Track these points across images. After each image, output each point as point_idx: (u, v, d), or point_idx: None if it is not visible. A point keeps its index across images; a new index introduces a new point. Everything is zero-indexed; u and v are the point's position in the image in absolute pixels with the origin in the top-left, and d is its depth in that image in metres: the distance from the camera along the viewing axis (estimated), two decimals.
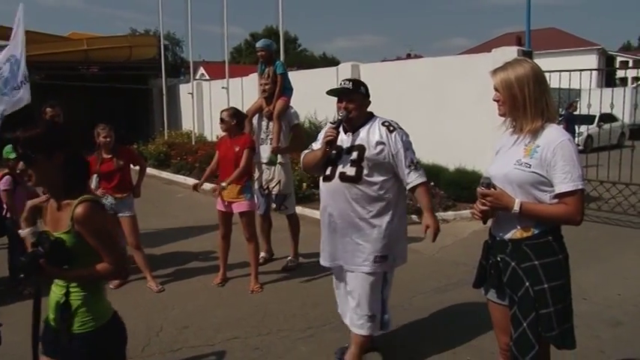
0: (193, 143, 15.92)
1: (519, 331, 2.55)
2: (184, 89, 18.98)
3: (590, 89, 9.88)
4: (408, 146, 3.65)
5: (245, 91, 15.84)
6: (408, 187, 3.67)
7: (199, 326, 4.76)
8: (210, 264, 6.43)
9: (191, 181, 13.02)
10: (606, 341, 4.33)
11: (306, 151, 3.91)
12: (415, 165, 3.64)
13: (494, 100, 2.68)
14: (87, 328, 2.35)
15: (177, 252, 7.12)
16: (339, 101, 3.70)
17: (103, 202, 5.51)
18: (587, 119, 15.24)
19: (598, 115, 16.15)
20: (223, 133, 5.85)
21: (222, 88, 14.88)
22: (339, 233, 3.72)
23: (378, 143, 3.58)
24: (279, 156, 6.10)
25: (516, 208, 2.50)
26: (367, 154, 3.57)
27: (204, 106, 18.24)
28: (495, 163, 2.72)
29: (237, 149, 5.55)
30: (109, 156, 5.64)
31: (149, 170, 8.88)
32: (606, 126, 15.46)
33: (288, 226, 6.44)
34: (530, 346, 2.53)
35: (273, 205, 6.39)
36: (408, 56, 53.61)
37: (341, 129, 3.67)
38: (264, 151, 6.15)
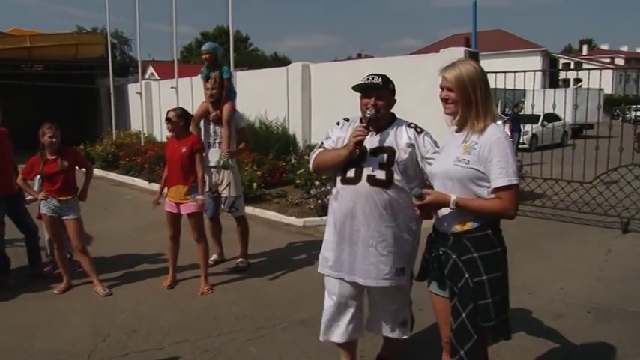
0: (142, 144, 15.65)
1: (458, 322, 2.63)
2: (133, 89, 18.62)
3: (534, 90, 10.16)
4: (437, 149, 3.31)
5: (195, 91, 15.61)
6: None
7: (148, 330, 4.68)
8: (160, 266, 6.32)
9: (140, 182, 12.93)
10: (549, 333, 4.46)
11: (318, 150, 3.53)
12: None
13: (443, 99, 2.73)
14: None
15: (125, 254, 6.97)
16: (365, 97, 3.37)
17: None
18: (532, 119, 15.73)
19: (542, 114, 16.68)
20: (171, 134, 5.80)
21: (172, 87, 14.68)
22: (362, 244, 3.34)
23: (409, 145, 3.31)
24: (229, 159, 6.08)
25: (452, 205, 2.59)
26: (397, 157, 3.27)
27: (154, 106, 17.92)
28: (438, 160, 2.83)
29: (183, 150, 5.49)
30: (54, 157, 5.46)
31: (97, 172, 8.68)
32: (550, 125, 15.97)
33: (237, 228, 6.41)
34: (468, 336, 2.60)
35: (222, 207, 6.36)
36: (359, 56, 54.02)
37: None
38: (213, 155, 6.11)
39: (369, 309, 3.67)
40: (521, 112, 14.46)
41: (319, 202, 8.65)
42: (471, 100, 2.64)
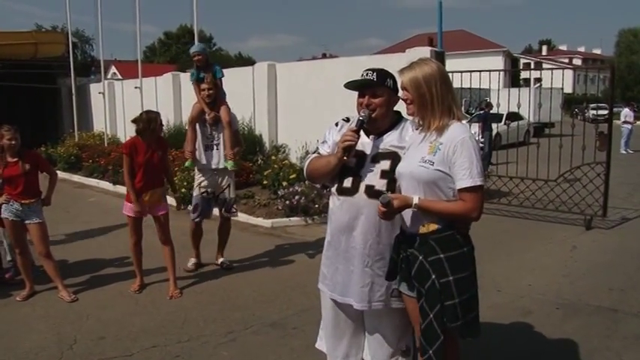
0: (106, 145, 15.38)
1: (426, 322, 2.62)
2: (95, 89, 18.27)
3: (499, 89, 10.30)
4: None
5: (159, 91, 15.48)
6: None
7: (116, 336, 4.57)
8: (126, 270, 6.19)
9: (104, 184, 12.69)
10: (518, 330, 4.53)
11: (312, 156, 3.17)
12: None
13: (402, 100, 2.73)
14: None
15: (90, 259, 6.80)
16: (360, 96, 2.99)
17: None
18: (496, 118, 15.97)
19: (505, 113, 16.97)
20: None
21: (135, 87, 14.42)
22: (358, 262, 2.97)
23: None
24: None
25: (414, 208, 2.58)
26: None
27: (117, 106, 17.62)
28: (403, 160, 2.78)
29: (160, 153, 5.49)
30: (14, 159, 5.29)
31: (59, 174, 8.43)
32: (513, 124, 16.23)
33: (222, 229, 6.44)
34: (436, 337, 2.60)
35: (218, 209, 6.34)
36: (324, 56, 54.13)
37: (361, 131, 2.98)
38: (213, 158, 6.11)
39: (367, 335, 3.23)
40: (491, 112, 14.67)
41: (287, 202, 8.61)
42: (426, 100, 2.61)
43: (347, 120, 3.12)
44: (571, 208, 8.33)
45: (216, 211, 6.41)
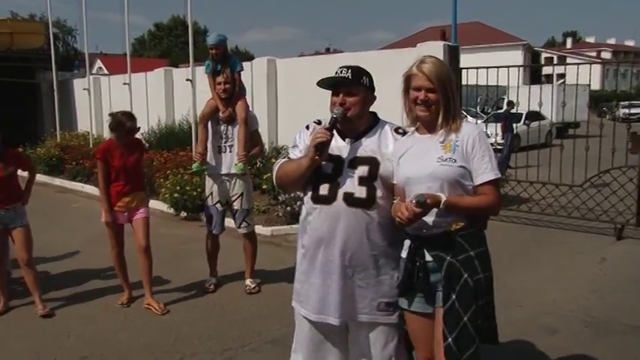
0: (91, 146, 15.28)
1: (460, 326, 2.64)
2: (79, 85, 18.27)
3: (518, 86, 10.26)
4: None
5: (150, 88, 15.49)
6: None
7: (101, 354, 4.54)
8: (113, 282, 6.14)
9: (89, 188, 12.66)
10: (542, 350, 4.47)
11: (281, 161, 3.14)
12: None
13: (422, 100, 2.73)
14: None
15: (74, 270, 6.78)
16: (333, 94, 3.01)
17: None
18: (515, 117, 15.93)
19: (525, 113, 16.90)
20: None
21: (124, 84, 14.39)
22: (336, 275, 2.93)
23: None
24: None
25: (442, 205, 2.63)
26: (382, 169, 2.89)
27: (103, 104, 17.62)
28: (410, 164, 2.78)
29: (137, 155, 5.52)
30: None
31: (39, 177, 8.43)
32: (534, 124, 16.19)
33: (246, 246, 6.15)
34: (471, 341, 2.64)
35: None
36: (328, 51, 54.19)
37: (336, 133, 2.96)
38: (225, 161, 5.85)
39: (350, 357, 3.16)
40: (513, 111, 14.60)
41: (288, 208, 8.57)
42: (450, 100, 2.74)
43: (319, 122, 3.11)
44: (599, 215, 8.28)
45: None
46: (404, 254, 2.82)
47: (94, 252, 7.50)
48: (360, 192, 2.87)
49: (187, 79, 11.69)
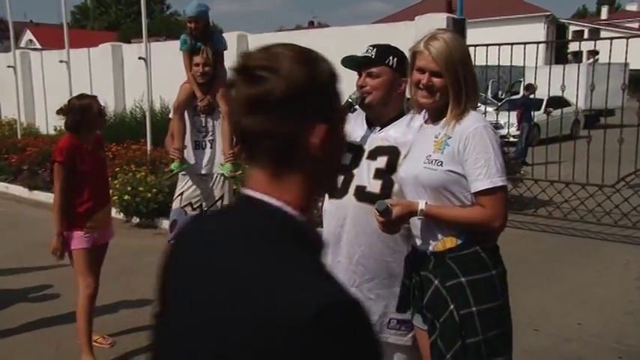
0: (19, 137, 15.17)
1: None
2: (2, 60, 18.04)
3: (536, 67, 10.29)
4: None
5: (94, 67, 15.35)
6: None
7: None
8: (45, 305, 6.08)
9: (16, 189, 12.52)
10: None
11: None
12: None
13: (424, 85, 2.63)
14: None
15: None
16: (358, 76, 3.08)
17: None
18: (534, 104, 16.01)
19: (546, 99, 17.01)
20: (61, 124, 5.50)
21: (61, 61, 14.30)
22: (342, 279, 2.86)
23: None
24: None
25: (419, 216, 2.58)
26: (402, 160, 2.91)
27: (35, 85, 17.49)
28: (406, 162, 2.79)
29: (102, 154, 5.32)
30: None
31: None
32: (556, 112, 16.26)
33: None
34: None
35: None
36: (311, 25, 54.24)
37: (363, 120, 3.09)
38: (204, 159, 5.74)
39: None
40: (532, 96, 14.65)
41: None
42: (461, 87, 2.59)
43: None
44: (636, 222, 8.32)
45: None
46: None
47: (22, 267, 7.35)
48: (374, 186, 2.92)
49: (140, 58, 11.59)
